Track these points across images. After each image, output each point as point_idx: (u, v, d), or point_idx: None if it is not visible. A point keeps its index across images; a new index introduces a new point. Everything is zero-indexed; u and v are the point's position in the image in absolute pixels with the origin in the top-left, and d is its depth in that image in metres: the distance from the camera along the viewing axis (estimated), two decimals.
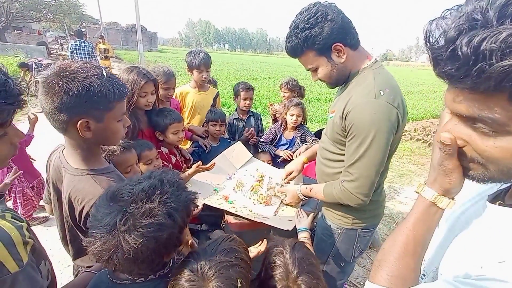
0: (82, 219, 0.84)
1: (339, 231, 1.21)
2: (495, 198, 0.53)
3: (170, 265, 0.78)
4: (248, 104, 2.38)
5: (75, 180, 0.85)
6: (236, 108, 2.51)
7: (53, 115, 0.75)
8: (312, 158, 1.48)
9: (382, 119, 0.91)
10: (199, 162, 1.54)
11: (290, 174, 1.50)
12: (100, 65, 0.84)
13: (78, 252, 0.98)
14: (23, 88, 0.67)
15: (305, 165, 1.54)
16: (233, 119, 2.46)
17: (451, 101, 0.42)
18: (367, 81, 0.99)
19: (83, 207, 0.82)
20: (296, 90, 2.81)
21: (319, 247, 1.29)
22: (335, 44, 0.98)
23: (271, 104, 2.91)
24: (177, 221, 0.65)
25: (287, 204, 1.45)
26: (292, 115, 2.26)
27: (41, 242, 0.79)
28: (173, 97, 2.07)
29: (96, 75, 0.76)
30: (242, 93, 2.35)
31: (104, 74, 0.79)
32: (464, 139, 0.43)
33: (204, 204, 1.44)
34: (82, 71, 0.75)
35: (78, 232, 0.91)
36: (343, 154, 1.07)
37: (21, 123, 4.57)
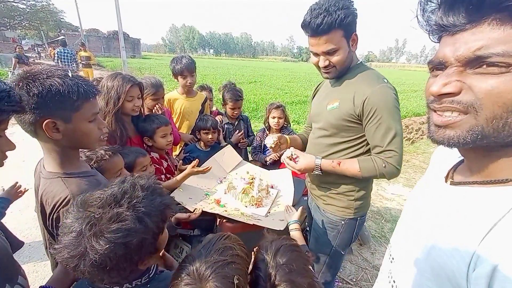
0: (50, 223, 0.82)
1: (343, 223, 1.27)
2: (446, 177, 0.54)
3: (151, 275, 0.76)
4: (235, 113, 2.45)
5: (47, 183, 0.84)
6: (225, 112, 2.54)
7: (19, 117, 0.76)
8: (294, 140, 1.49)
9: (396, 99, 1.08)
10: (196, 161, 1.54)
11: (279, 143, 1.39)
12: (66, 68, 0.84)
13: (56, 262, 0.95)
14: (23, 98, 0.70)
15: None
16: (224, 124, 2.49)
17: (455, 50, 0.40)
18: (368, 72, 1.13)
19: (51, 210, 0.81)
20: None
21: (323, 241, 1.34)
22: (354, 33, 1.08)
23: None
24: (149, 227, 0.64)
25: (296, 169, 1.24)
26: (274, 117, 2.31)
27: (24, 258, 0.75)
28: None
29: (58, 76, 0.76)
30: (230, 104, 2.41)
31: (70, 75, 0.79)
32: (462, 80, 0.40)
33: (195, 209, 1.43)
34: (44, 73, 0.76)
35: (52, 239, 0.89)
36: (347, 141, 1.18)
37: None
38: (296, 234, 1.21)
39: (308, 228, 1.70)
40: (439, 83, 0.42)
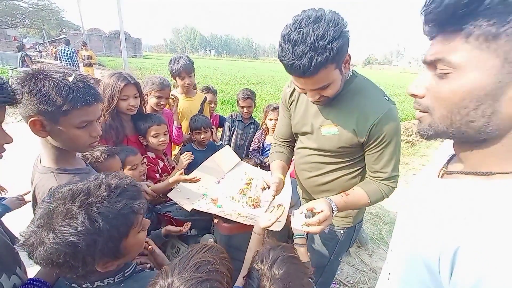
0: None
1: (342, 232, 1.24)
2: (441, 170, 0.56)
3: (127, 274, 0.74)
4: (246, 112, 2.48)
5: (40, 178, 0.86)
6: (240, 113, 2.58)
7: (19, 110, 0.79)
8: (285, 172, 1.27)
9: (399, 119, 1.01)
10: (181, 171, 1.53)
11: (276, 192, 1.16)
12: (73, 71, 0.84)
13: None
14: (17, 91, 0.72)
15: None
16: (237, 120, 2.54)
17: (427, 52, 0.47)
18: (366, 88, 1.00)
19: None
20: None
21: (321, 251, 1.29)
22: (347, 55, 0.87)
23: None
24: (101, 229, 0.60)
25: (330, 218, 0.97)
26: (271, 119, 2.31)
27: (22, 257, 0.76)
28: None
29: (54, 78, 0.77)
30: (240, 102, 2.46)
31: (70, 79, 0.79)
32: (426, 86, 0.47)
33: (193, 209, 1.43)
34: (44, 73, 0.77)
35: None
36: (344, 161, 1.10)
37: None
38: (301, 250, 1.10)
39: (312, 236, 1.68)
40: (413, 84, 0.50)
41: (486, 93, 0.39)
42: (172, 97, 2.00)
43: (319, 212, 0.95)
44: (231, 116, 2.61)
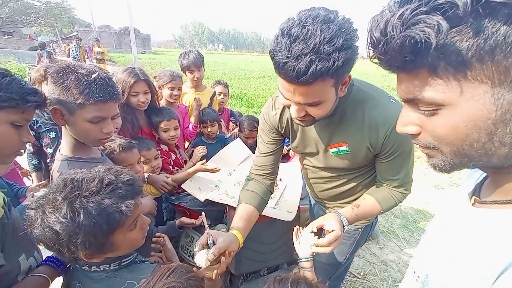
0: None
1: (360, 230, 1.21)
2: (473, 195, 0.49)
3: (123, 263, 0.75)
4: (250, 143, 2.19)
5: (57, 165, 0.92)
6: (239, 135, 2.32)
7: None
8: (250, 225, 1.02)
9: None
10: (204, 161, 1.57)
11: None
12: (101, 69, 0.90)
13: None
14: (47, 99, 0.79)
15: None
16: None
17: (397, 87, 0.42)
18: (372, 97, 0.89)
19: None
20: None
21: (337, 251, 1.25)
22: (348, 76, 0.75)
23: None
24: (83, 224, 0.60)
25: (339, 237, 0.89)
26: None
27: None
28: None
29: (77, 73, 0.83)
30: (245, 131, 2.20)
31: (93, 76, 0.84)
32: (417, 123, 0.41)
33: (206, 199, 1.47)
34: (72, 68, 0.84)
35: None
36: (360, 170, 1.05)
37: None
38: (307, 274, 0.95)
39: None
40: (399, 124, 0.44)
41: (494, 122, 0.33)
42: (196, 99, 2.06)
43: (329, 231, 0.87)
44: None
